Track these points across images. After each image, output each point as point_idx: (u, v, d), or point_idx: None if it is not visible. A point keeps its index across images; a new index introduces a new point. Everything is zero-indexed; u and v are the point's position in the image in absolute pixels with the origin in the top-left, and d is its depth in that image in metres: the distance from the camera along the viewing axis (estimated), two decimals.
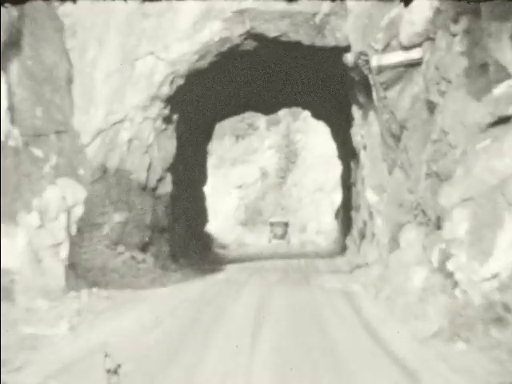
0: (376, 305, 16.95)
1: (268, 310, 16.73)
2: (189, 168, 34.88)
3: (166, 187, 28.79)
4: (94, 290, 18.10)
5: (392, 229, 20.35)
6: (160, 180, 28.26)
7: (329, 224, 69.69)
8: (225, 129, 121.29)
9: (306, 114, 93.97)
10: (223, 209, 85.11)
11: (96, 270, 21.33)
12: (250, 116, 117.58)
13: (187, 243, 34.30)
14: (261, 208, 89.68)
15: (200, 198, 41.44)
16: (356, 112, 28.84)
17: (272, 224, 67.41)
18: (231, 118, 53.88)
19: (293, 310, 17.06)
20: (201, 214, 40.79)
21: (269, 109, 46.74)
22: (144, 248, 25.78)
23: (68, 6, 21.93)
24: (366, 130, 26.78)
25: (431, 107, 19.03)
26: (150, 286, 21.89)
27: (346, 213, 38.44)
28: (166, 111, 27.96)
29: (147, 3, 23.97)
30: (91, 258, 21.67)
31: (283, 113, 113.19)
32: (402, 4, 19.70)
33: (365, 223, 27.26)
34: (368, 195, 25.23)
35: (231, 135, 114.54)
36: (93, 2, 22.48)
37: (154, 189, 27.91)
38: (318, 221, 73.81)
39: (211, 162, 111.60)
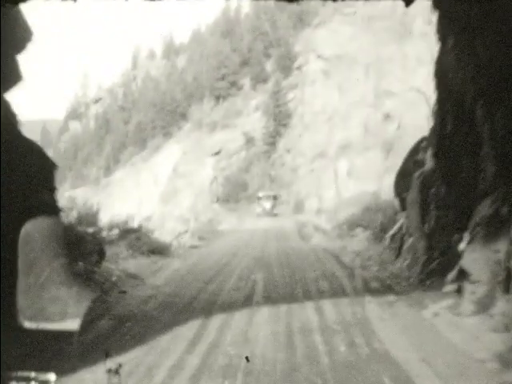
0: None
1: None
2: None
3: None
4: None
5: None
6: None
7: (332, 200, 53.49)
8: (203, 89, 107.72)
9: (300, 62, 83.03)
10: (195, 182, 68.52)
11: None
12: (232, 73, 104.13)
13: None
14: (245, 181, 72.94)
15: None
16: None
17: (260, 198, 60.41)
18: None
19: None
20: None
21: None
22: None
23: None
24: None
25: None
26: None
27: None
28: None
29: None
30: None
31: (271, 67, 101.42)
32: None
33: None
34: None
35: (210, 96, 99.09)
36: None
37: None
38: (319, 196, 57.13)
39: (186, 128, 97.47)
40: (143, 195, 69.68)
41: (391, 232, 21.92)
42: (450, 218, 15.00)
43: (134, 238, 21.22)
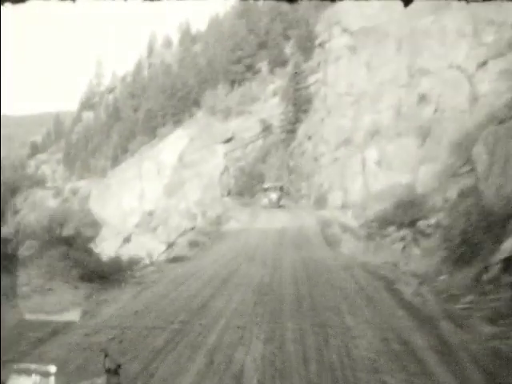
0: None
1: None
2: None
3: None
4: None
5: None
6: None
7: (359, 194, 47.49)
8: (218, 73, 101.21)
9: (323, 39, 74.46)
10: (204, 172, 61.33)
11: None
12: (248, 56, 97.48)
13: None
14: (261, 172, 66.14)
15: None
16: None
17: (266, 189, 58.71)
18: None
19: None
20: None
21: None
22: None
23: None
24: None
25: None
26: None
27: None
28: None
29: None
30: None
31: (291, 50, 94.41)
32: None
33: None
34: None
35: (225, 81, 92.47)
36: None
37: None
38: (344, 189, 50.61)
39: (198, 116, 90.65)
40: (145, 187, 62.91)
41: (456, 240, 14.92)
42: None
43: (59, 254, 13.69)
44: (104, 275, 14.18)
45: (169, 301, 12.44)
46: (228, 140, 70.22)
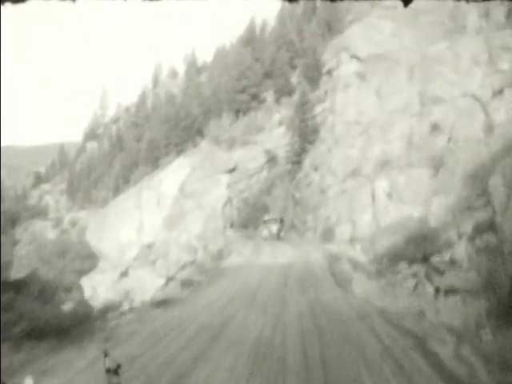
0: None
1: None
2: None
3: None
4: None
5: None
6: None
7: (368, 227, 45.16)
8: (222, 103, 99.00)
9: (331, 66, 72.62)
10: (205, 204, 58.78)
11: None
12: (253, 85, 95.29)
13: None
14: (265, 204, 63.68)
15: None
16: None
17: (266, 222, 59.99)
18: None
19: None
20: None
21: None
22: None
23: None
24: None
25: None
26: None
27: None
28: None
29: None
30: None
31: (297, 79, 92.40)
32: None
33: None
34: None
35: (229, 110, 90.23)
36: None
37: None
38: (352, 222, 48.19)
39: (201, 146, 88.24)
40: (145, 218, 60.33)
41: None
42: None
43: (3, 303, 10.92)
44: (63, 329, 11.35)
45: (139, 366, 9.71)
46: (231, 170, 67.86)
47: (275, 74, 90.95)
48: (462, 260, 25.68)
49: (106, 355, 7.76)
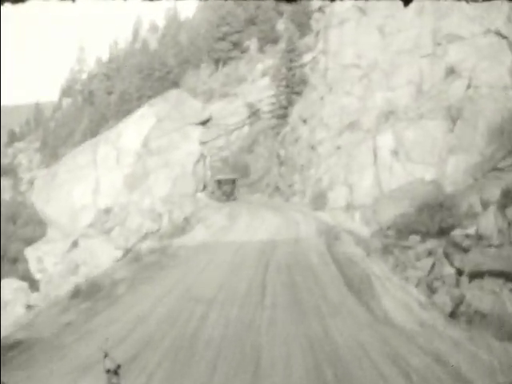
0: None
1: None
2: None
3: None
4: None
5: None
6: None
7: (370, 192, 39.68)
8: (201, 53, 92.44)
9: (321, 4, 65.54)
10: (173, 161, 51.74)
11: None
12: (235, 31, 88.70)
13: None
14: (246, 164, 57.86)
15: None
16: None
17: (220, 181, 57.44)
18: None
19: None
20: None
21: None
22: None
23: None
24: None
25: None
26: None
27: None
28: None
29: None
30: None
31: (283, 25, 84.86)
32: None
33: None
34: None
35: (208, 60, 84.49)
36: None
37: None
38: (349, 186, 41.68)
39: (170, 94, 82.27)
40: (101, 178, 52.89)
41: None
42: None
43: None
44: None
45: None
46: (205, 121, 61.31)
47: (259, 19, 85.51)
48: (491, 234, 23.18)
49: (105, 355, 7.67)
